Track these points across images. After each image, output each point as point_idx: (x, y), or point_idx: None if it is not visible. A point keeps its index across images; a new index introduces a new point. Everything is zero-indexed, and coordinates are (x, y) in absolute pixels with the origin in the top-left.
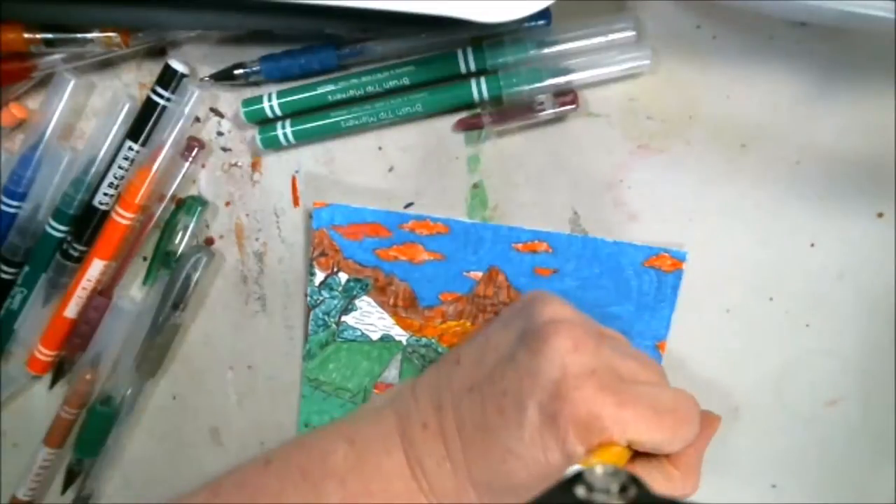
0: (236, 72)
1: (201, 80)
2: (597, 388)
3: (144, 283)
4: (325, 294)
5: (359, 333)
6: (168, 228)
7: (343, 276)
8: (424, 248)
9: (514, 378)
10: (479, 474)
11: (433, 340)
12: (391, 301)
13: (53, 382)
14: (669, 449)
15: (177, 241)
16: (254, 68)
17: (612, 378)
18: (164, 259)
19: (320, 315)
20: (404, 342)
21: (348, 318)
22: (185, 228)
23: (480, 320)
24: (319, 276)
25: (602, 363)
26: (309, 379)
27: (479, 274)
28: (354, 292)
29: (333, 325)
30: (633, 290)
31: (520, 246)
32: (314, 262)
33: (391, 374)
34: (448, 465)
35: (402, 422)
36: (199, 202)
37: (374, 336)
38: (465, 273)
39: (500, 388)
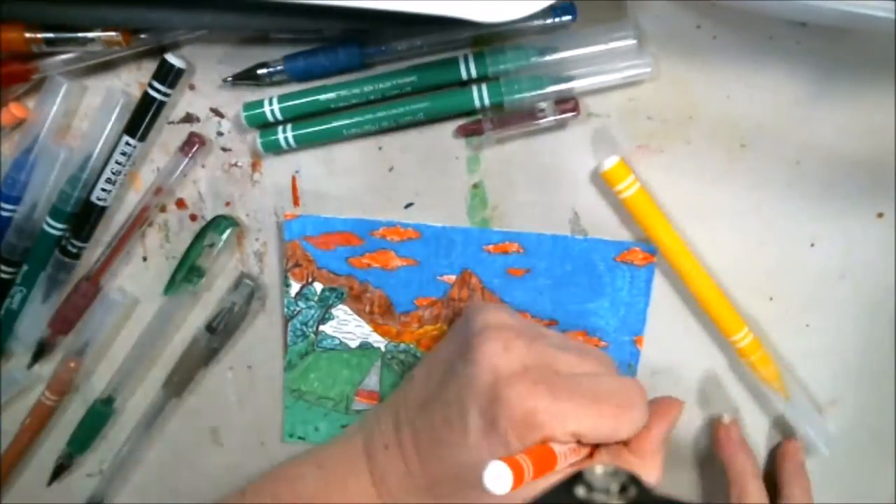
0: (259, 71)
1: (224, 80)
2: (529, 384)
3: (165, 293)
4: (302, 304)
5: (337, 342)
6: (196, 244)
7: (318, 286)
8: (396, 254)
9: (455, 388)
10: (438, 485)
11: (411, 346)
12: (367, 308)
13: (32, 362)
14: (618, 437)
15: (204, 257)
16: (277, 67)
17: (547, 372)
18: (187, 274)
19: (298, 325)
20: (383, 349)
21: (326, 328)
22: (213, 246)
23: None
24: (295, 287)
25: (535, 359)
26: (291, 389)
27: (453, 277)
28: (330, 301)
29: (312, 335)
30: (607, 286)
31: (491, 248)
32: (288, 274)
33: (371, 381)
34: (410, 480)
35: (368, 443)
36: (231, 223)
37: (353, 344)
38: (438, 277)
39: (445, 401)
